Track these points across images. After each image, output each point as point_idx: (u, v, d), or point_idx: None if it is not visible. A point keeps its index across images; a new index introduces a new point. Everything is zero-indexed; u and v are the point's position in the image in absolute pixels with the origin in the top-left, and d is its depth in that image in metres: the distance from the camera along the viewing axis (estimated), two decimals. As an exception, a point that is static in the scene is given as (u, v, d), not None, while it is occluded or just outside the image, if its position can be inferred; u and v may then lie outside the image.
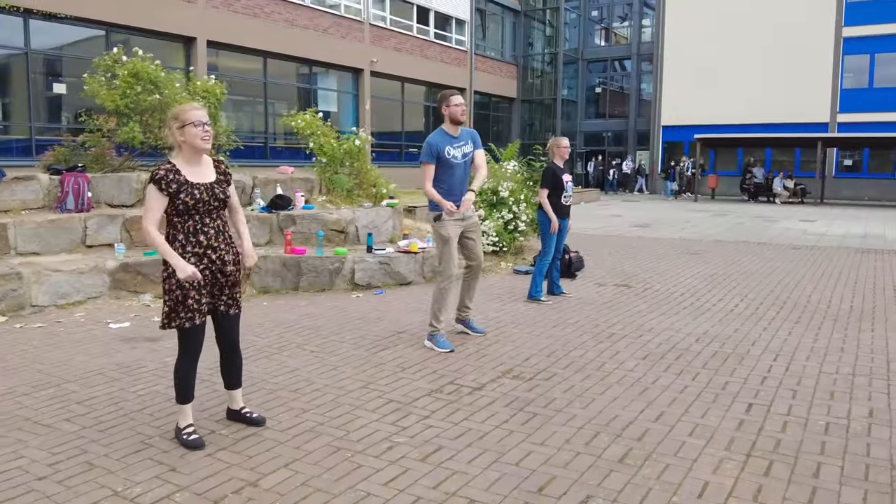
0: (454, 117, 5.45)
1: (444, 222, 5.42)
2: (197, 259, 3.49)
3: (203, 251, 3.51)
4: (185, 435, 3.54)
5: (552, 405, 4.10)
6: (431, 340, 5.36)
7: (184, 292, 3.46)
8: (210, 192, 3.52)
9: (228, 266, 3.61)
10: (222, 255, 3.58)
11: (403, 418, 3.89)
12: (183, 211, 3.46)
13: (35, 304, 6.42)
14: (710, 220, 17.95)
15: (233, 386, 3.86)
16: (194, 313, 3.47)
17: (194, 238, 3.49)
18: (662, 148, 31.77)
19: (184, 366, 3.58)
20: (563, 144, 7.28)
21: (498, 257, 9.53)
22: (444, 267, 5.42)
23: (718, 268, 9.65)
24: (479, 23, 30.99)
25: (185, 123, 3.45)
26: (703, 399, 4.22)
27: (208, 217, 3.54)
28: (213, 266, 3.55)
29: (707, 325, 6.19)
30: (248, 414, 3.84)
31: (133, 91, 8.81)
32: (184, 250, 3.46)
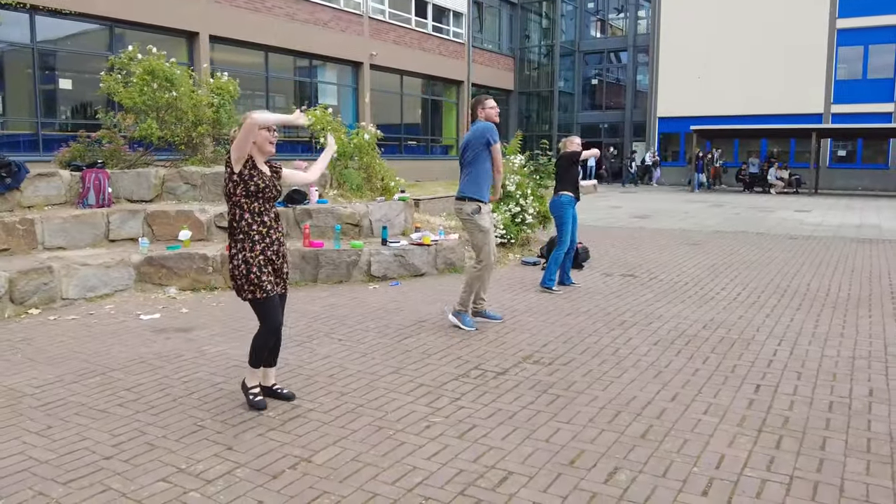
0: (491, 119, 5.82)
1: (483, 214, 5.74)
2: (261, 237, 3.91)
3: (266, 231, 3.94)
4: (251, 395, 4.02)
5: (573, 387, 4.38)
6: (457, 317, 5.75)
7: (248, 267, 3.86)
8: (272, 183, 3.98)
9: (282, 248, 4.05)
10: (279, 238, 4.04)
11: (436, 400, 4.15)
12: (253, 192, 3.88)
13: (65, 297, 6.66)
14: (708, 210, 18.25)
15: (269, 364, 4.19)
16: (256, 287, 3.87)
17: (259, 218, 3.93)
18: (658, 139, 32.06)
19: (261, 337, 4.00)
20: (576, 142, 7.60)
21: (506, 249, 9.80)
22: (485, 256, 5.77)
23: (719, 258, 9.94)
24: (477, 15, 31.16)
25: (261, 127, 3.88)
26: (714, 381, 4.50)
27: (268, 203, 3.98)
28: (272, 247, 3.97)
29: (712, 312, 6.47)
30: (280, 390, 4.22)
31: (150, 88, 9.03)
32: (250, 228, 3.89)
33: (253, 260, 3.87)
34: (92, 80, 15.14)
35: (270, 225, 3.96)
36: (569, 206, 7.41)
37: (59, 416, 3.92)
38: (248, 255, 3.87)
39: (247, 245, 3.88)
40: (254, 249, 3.88)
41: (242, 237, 3.89)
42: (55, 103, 16.22)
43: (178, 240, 7.72)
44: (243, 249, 3.88)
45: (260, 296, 3.90)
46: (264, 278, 3.89)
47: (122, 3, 16.12)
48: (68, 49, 16.12)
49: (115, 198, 8.36)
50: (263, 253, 3.91)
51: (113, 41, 16.45)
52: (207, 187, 8.71)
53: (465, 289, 5.80)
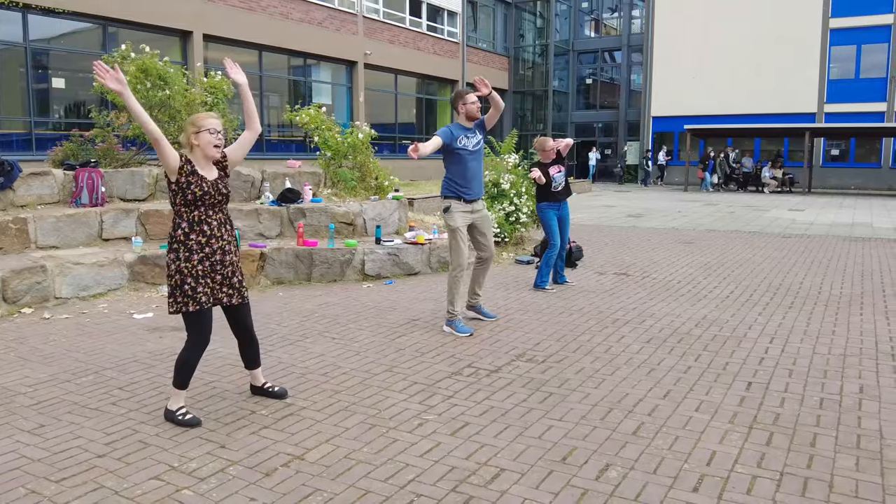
0: (471, 114, 5.75)
1: (452, 213, 5.70)
2: (199, 247, 3.77)
3: (206, 240, 3.78)
4: (179, 416, 3.78)
5: (566, 385, 4.39)
6: (451, 326, 5.66)
7: (181, 277, 3.74)
8: (215, 187, 3.82)
9: (228, 256, 3.86)
10: (224, 246, 3.85)
11: (429, 398, 4.17)
12: (191, 201, 3.74)
13: (58, 296, 6.65)
14: (701, 209, 18.31)
15: (252, 366, 4.18)
16: (189, 299, 3.73)
17: (198, 227, 3.76)
18: (652, 139, 32.14)
19: (187, 351, 3.82)
20: (548, 146, 7.54)
21: (500, 248, 9.81)
22: (454, 256, 5.70)
23: (712, 256, 9.98)
24: (471, 14, 31.18)
25: (201, 130, 3.76)
26: (706, 378, 4.52)
27: (211, 210, 3.82)
28: (213, 257, 3.80)
29: (705, 310, 6.50)
30: (270, 388, 4.18)
31: (143, 87, 9.01)
32: (187, 238, 3.75)
33: (188, 271, 3.72)
34: (85, 80, 15.15)
35: (212, 234, 3.78)
36: (548, 211, 7.42)
37: (52, 415, 3.92)
38: (182, 266, 3.72)
39: (182, 255, 3.73)
40: (190, 259, 3.72)
41: (177, 246, 3.74)
42: (48, 102, 16.18)
43: (171, 239, 7.70)
44: (178, 259, 3.73)
45: (193, 308, 3.73)
46: (199, 290, 3.74)
47: (115, 2, 16.09)
48: (62, 48, 16.08)
49: (108, 197, 8.34)
50: (202, 263, 3.74)
51: (106, 40, 16.41)
52: (201, 186, 8.68)
53: (448, 293, 5.73)
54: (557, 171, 7.42)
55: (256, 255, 7.49)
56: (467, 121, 5.78)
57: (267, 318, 6.11)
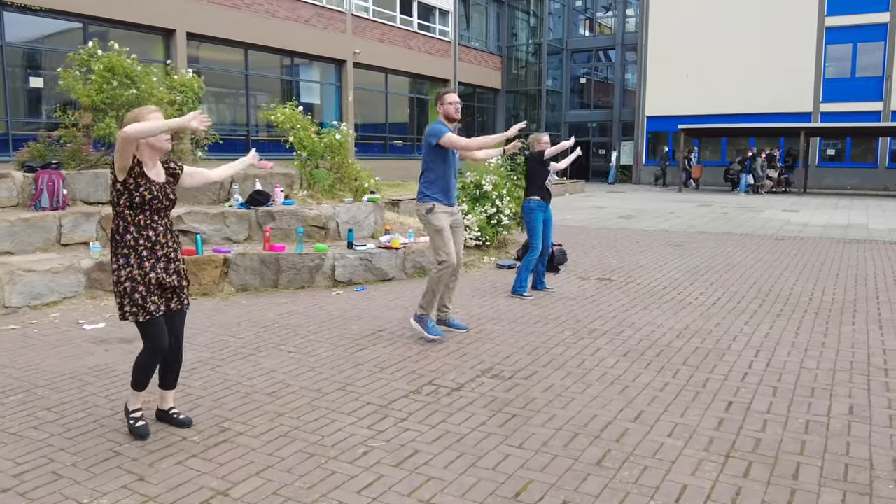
0: (448, 115, 5.51)
1: (436, 213, 5.43)
2: (149, 253, 3.52)
3: (152, 245, 3.54)
4: (131, 420, 3.63)
5: (531, 405, 4.05)
6: (420, 322, 5.39)
7: (133, 285, 3.48)
8: (163, 192, 3.55)
9: (173, 264, 3.63)
10: (168, 253, 3.61)
11: (380, 421, 3.82)
12: (138, 205, 3.48)
13: (8, 305, 6.29)
14: (694, 210, 17.98)
15: (167, 386, 3.81)
16: (139, 309, 3.49)
17: (145, 232, 3.53)
18: (647, 138, 31.82)
19: (143, 357, 3.62)
20: (544, 140, 7.26)
21: (481, 251, 9.48)
22: (444, 256, 5.42)
23: (701, 260, 9.65)
24: (463, 13, 30.83)
25: None
26: (683, 397, 4.18)
27: (157, 215, 3.57)
28: (159, 264, 3.56)
29: (688, 319, 6.17)
30: (175, 415, 3.80)
31: (109, 86, 8.66)
32: (136, 243, 3.49)
33: (141, 278, 3.48)
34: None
35: (157, 240, 3.53)
36: (537, 211, 7.08)
37: (-37, 442, 3.57)
38: (135, 273, 3.47)
39: (133, 261, 3.47)
40: (142, 266, 3.48)
41: (127, 252, 3.47)
42: (27, 103, 15.80)
43: (132, 244, 7.35)
44: (129, 265, 3.47)
45: (143, 318, 3.49)
46: (150, 299, 3.49)
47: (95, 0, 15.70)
48: (40, 47, 15.70)
49: (70, 200, 7.99)
50: (154, 270, 3.51)
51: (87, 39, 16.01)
52: (168, 188, 8.33)
53: (426, 292, 5.46)
54: (553, 169, 7.15)
55: (220, 261, 7.14)
56: (446, 121, 5.52)
57: (223, 329, 5.76)
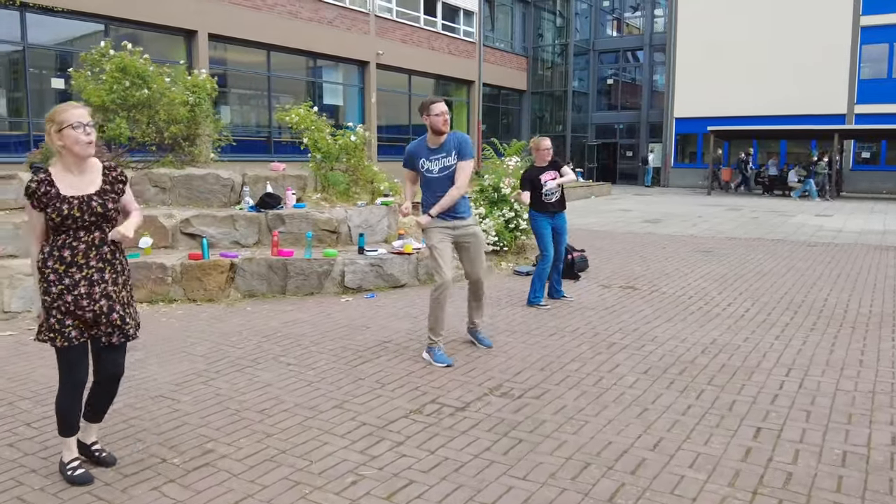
0: (435, 127, 4.97)
1: (428, 231, 5.06)
2: (57, 277, 3.06)
3: (65, 268, 3.06)
4: (69, 470, 3.17)
5: (540, 429, 3.74)
6: (429, 353, 4.98)
7: (46, 308, 3.08)
8: (84, 207, 3.06)
9: (97, 287, 3.10)
10: (90, 276, 3.10)
11: (374, 445, 3.54)
12: (54, 227, 3.07)
13: (7, 310, 6.14)
14: (724, 214, 17.45)
15: (90, 418, 3.34)
16: (55, 333, 3.08)
17: (58, 252, 3.06)
18: (675, 140, 31.20)
19: (61, 394, 3.18)
20: (543, 146, 6.89)
21: (498, 257, 9.16)
22: (436, 274, 5.01)
23: (730, 267, 9.23)
24: (488, 14, 30.52)
25: (63, 126, 3.00)
26: (707, 422, 3.84)
27: (83, 231, 3.09)
28: (75, 290, 3.07)
29: (715, 332, 5.79)
30: (98, 453, 3.34)
31: (121, 86, 8.51)
32: (44, 265, 3.07)
33: (50, 303, 3.06)
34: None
35: (74, 261, 3.06)
36: (540, 219, 6.76)
37: (-69, 461, 3.36)
38: (44, 297, 3.08)
39: (41, 285, 3.08)
40: (48, 292, 3.05)
41: (38, 273, 3.09)
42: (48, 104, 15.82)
43: (138, 247, 7.18)
44: (40, 288, 3.09)
45: (60, 343, 3.07)
46: (68, 323, 3.07)
47: (116, 1, 15.69)
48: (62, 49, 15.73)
49: (79, 202, 7.84)
50: (62, 297, 3.04)
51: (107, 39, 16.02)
52: (178, 190, 8.17)
53: (429, 317, 5.02)
54: (551, 177, 6.74)
55: (226, 266, 6.92)
56: (433, 135, 5.00)
57: (223, 338, 5.53)
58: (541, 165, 6.81)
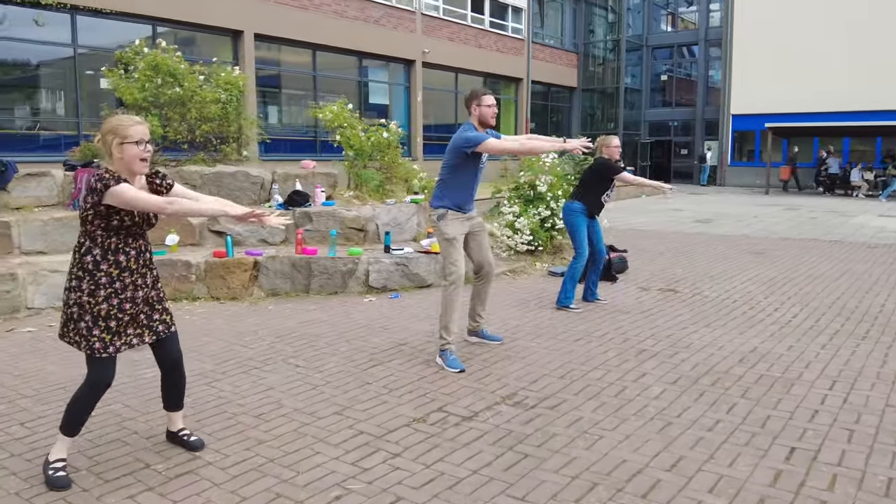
0: (484, 120, 4.89)
1: (448, 221, 4.87)
2: (109, 281, 3.06)
3: (119, 272, 3.10)
4: (51, 470, 3.10)
5: (549, 443, 3.46)
6: (442, 357, 4.77)
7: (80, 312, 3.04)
8: (143, 215, 3.13)
9: (140, 291, 3.18)
10: (136, 280, 3.16)
11: (368, 456, 3.32)
12: (117, 227, 3.05)
13: (31, 306, 6.16)
14: (780, 214, 16.69)
15: (171, 408, 3.47)
16: (82, 339, 3.07)
17: (113, 257, 3.08)
18: (732, 137, 30.16)
19: (80, 390, 3.14)
20: (613, 143, 6.56)
21: (533, 257, 8.85)
22: (451, 270, 4.82)
23: (781, 269, 8.70)
24: (538, 10, 30.06)
25: (126, 140, 3.02)
26: (735, 440, 3.49)
27: (132, 237, 3.13)
28: (123, 293, 3.11)
29: (756, 340, 5.38)
30: (186, 436, 3.45)
31: (153, 84, 8.54)
32: (96, 268, 3.04)
33: (89, 307, 3.04)
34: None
35: (127, 265, 3.10)
36: (580, 214, 6.42)
37: (-84, 461, 3.29)
38: (84, 300, 3.04)
39: (86, 286, 3.02)
40: (94, 295, 3.03)
41: (82, 275, 3.05)
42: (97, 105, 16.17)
43: (164, 244, 7.14)
44: (80, 290, 3.03)
45: (85, 351, 3.07)
46: (95, 332, 3.05)
47: (164, 2, 15.93)
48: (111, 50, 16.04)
49: (111, 199, 7.87)
50: (108, 301, 3.05)
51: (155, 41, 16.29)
52: (208, 188, 8.11)
53: (441, 313, 4.82)
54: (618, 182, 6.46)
55: (249, 264, 6.82)
56: (479, 126, 4.92)
57: (237, 338, 5.40)
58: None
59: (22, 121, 15.15)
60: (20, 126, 15.06)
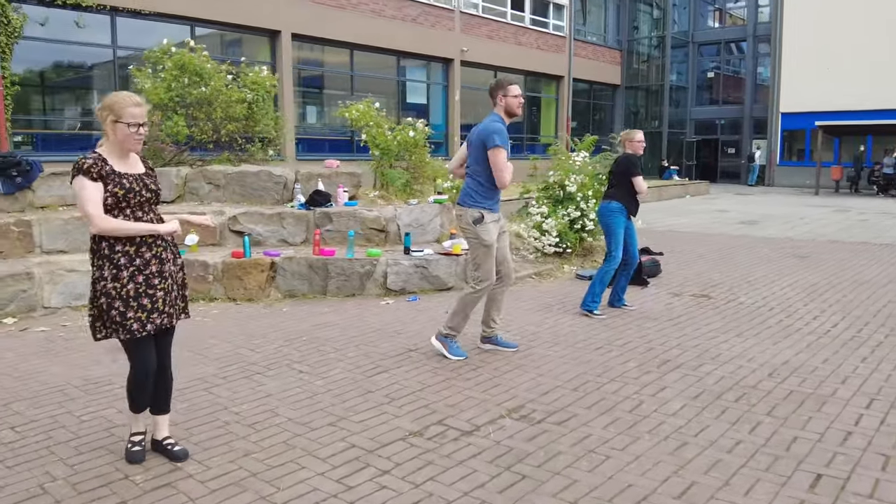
0: (511, 110, 4.76)
1: (486, 225, 4.71)
2: (128, 260, 3.06)
3: (135, 250, 3.07)
4: (130, 443, 3.27)
5: (550, 463, 3.22)
6: (442, 342, 4.75)
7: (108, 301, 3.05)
8: (141, 183, 3.12)
9: (167, 266, 3.17)
10: (159, 254, 3.14)
11: (355, 473, 3.13)
12: (112, 205, 3.04)
13: (47, 305, 6.15)
14: (829, 216, 16.00)
15: (157, 411, 3.37)
16: (118, 327, 3.05)
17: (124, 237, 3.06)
18: (781, 136, 29.18)
19: (130, 381, 3.21)
20: (637, 138, 6.29)
21: (561, 260, 8.56)
22: (485, 278, 4.74)
23: (825, 275, 8.24)
24: (580, 7, 29.56)
25: (120, 120, 3.04)
26: (755, 465, 3.19)
27: (140, 211, 3.12)
28: (147, 269, 3.09)
29: (790, 351, 5.03)
30: (170, 446, 3.31)
31: (179, 84, 8.53)
32: (112, 251, 3.04)
33: (116, 292, 3.02)
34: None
35: (142, 240, 3.07)
36: (619, 214, 6.13)
37: None
38: (109, 286, 3.03)
39: (107, 272, 3.03)
40: (118, 278, 3.03)
41: (101, 263, 3.05)
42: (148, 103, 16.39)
43: (184, 244, 7.09)
44: (103, 279, 3.04)
45: (123, 336, 3.06)
46: (130, 315, 3.03)
47: (201, 3, 16.06)
48: (148, 49, 16.24)
49: (135, 198, 7.87)
50: (133, 279, 3.05)
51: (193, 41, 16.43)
52: (232, 188, 8.06)
53: (456, 310, 4.74)
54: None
55: (266, 265, 6.71)
56: (506, 116, 4.78)
57: (246, 340, 5.28)
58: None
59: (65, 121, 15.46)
60: (64, 126, 15.36)
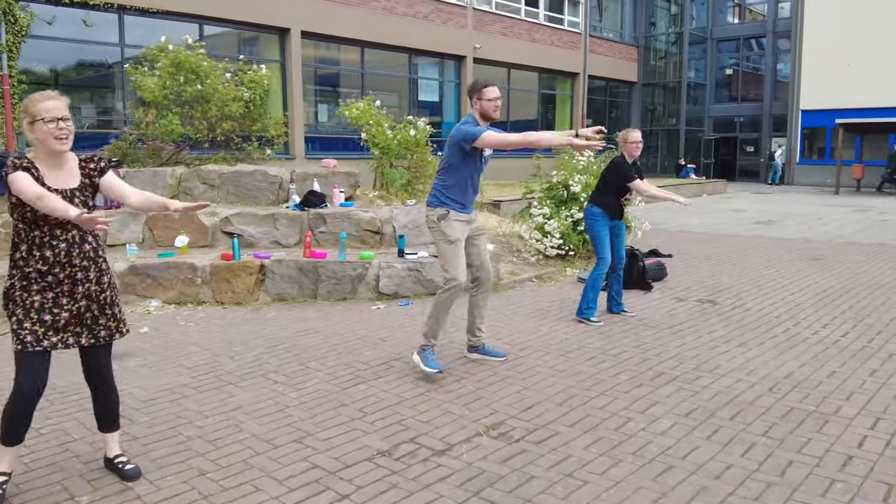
0: (486, 113, 4.50)
1: (450, 223, 4.50)
2: (39, 276, 2.86)
3: (48, 268, 2.86)
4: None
5: (522, 489, 3.00)
6: (420, 355, 4.49)
7: (13, 308, 2.86)
8: (68, 200, 2.84)
9: (80, 287, 2.93)
10: (73, 275, 2.92)
11: (313, 497, 2.93)
12: (31, 219, 2.83)
13: (31, 309, 6.02)
14: (848, 216, 15.57)
15: (105, 428, 3.20)
16: (13, 336, 2.84)
17: (38, 252, 2.86)
18: (801, 134, 28.61)
19: (14, 401, 2.88)
20: (631, 139, 6.02)
21: (563, 262, 8.31)
22: (451, 275, 4.46)
23: (839, 279, 7.92)
24: (596, 3, 29.17)
25: (35, 119, 2.81)
26: (744, 493, 2.95)
27: (59, 229, 2.87)
28: (57, 288, 2.89)
29: (794, 363, 4.77)
30: (121, 464, 3.14)
31: (174, 82, 8.40)
32: (26, 263, 2.85)
33: (21, 301, 2.86)
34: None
35: (56, 261, 2.86)
36: (600, 219, 5.88)
37: None
38: (17, 295, 2.87)
39: (17, 283, 2.87)
40: (27, 290, 2.86)
41: (15, 272, 2.88)
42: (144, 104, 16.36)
43: (174, 246, 6.96)
44: (12, 287, 2.88)
45: (15, 347, 2.85)
46: (27, 326, 2.83)
47: (210, 1, 15.96)
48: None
49: (129, 198, 7.75)
50: (42, 294, 2.87)
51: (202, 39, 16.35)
52: (226, 188, 7.92)
53: (430, 314, 4.50)
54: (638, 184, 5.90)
55: (255, 268, 6.55)
56: (482, 120, 4.54)
57: (225, 347, 5.11)
58: (628, 161, 5.96)
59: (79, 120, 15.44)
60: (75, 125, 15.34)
